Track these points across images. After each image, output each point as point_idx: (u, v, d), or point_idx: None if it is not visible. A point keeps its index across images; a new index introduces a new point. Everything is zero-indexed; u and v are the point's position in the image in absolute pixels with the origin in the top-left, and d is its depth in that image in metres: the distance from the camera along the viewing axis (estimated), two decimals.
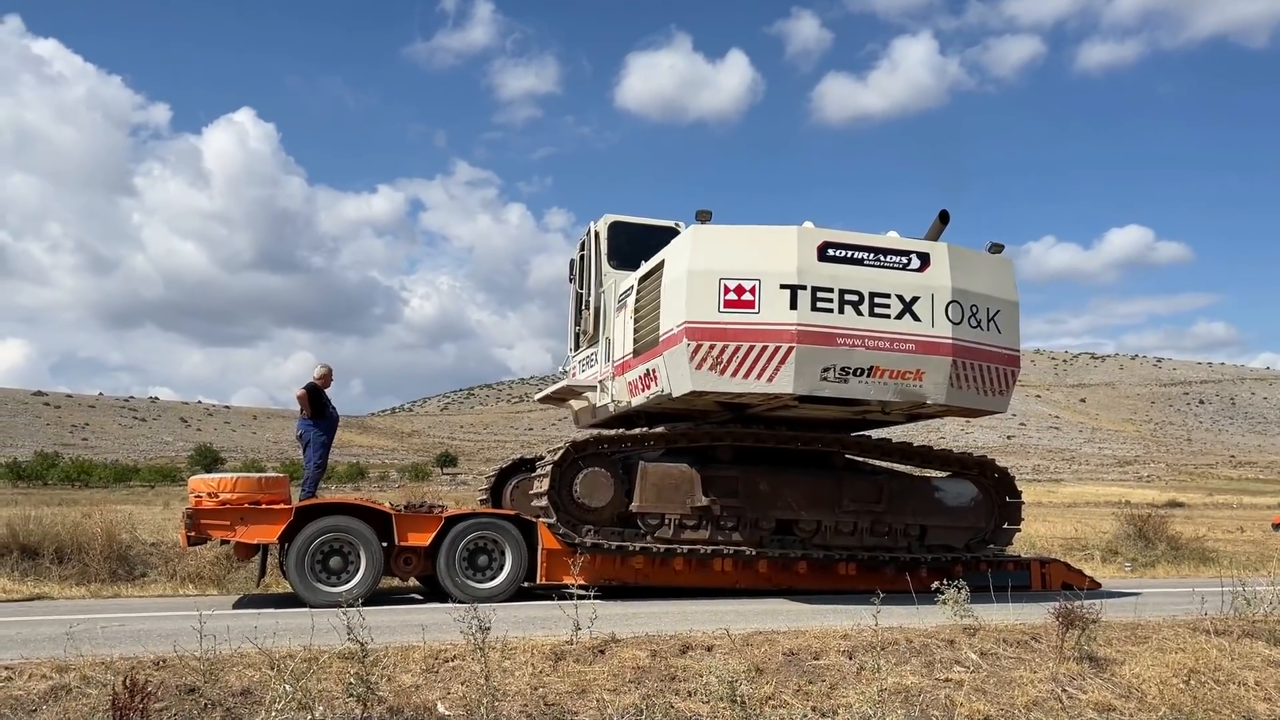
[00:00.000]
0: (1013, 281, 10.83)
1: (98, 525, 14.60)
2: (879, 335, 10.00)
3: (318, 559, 10.20)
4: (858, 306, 9.99)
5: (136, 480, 79.65)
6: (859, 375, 9.96)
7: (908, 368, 10.05)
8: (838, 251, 10.12)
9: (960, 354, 10.15)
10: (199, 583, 13.50)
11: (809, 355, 9.84)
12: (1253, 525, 39.42)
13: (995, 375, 10.52)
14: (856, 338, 9.96)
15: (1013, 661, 7.26)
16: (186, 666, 6.09)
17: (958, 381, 10.18)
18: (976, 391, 10.38)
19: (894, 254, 10.26)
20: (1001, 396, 10.68)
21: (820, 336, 9.88)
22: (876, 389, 10.05)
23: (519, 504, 12.33)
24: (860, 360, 9.96)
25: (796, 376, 9.85)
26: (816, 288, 9.93)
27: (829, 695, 6.42)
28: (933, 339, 10.10)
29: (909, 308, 10.07)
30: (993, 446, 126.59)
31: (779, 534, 11.57)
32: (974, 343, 10.30)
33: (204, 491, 10.40)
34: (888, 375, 10.03)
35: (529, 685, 6.21)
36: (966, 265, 10.49)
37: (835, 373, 9.93)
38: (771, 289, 9.89)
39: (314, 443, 11.38)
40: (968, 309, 10.26)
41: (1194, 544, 22.10)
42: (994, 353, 10.46)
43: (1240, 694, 7.23)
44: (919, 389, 10.11)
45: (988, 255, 10.88)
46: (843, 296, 9.97)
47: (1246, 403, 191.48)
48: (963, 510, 12.26)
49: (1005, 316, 10.59)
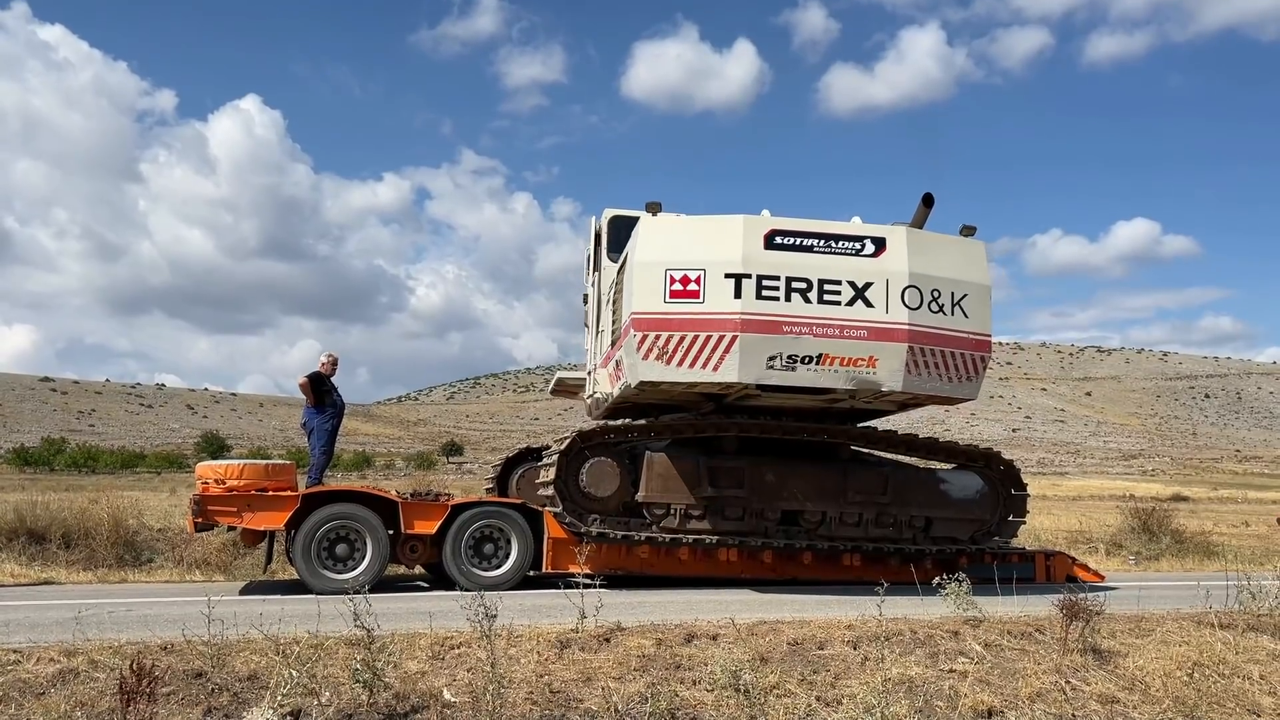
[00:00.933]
0: (984, 265, 10.59)
1: (104, 511, 14.67)
2: (828, 322, 9.91)
3: (324, 546, 10.24)
4: (806, 294, 9.93)
5: (143, 467, 79.94)
6: (807, 363, 9.90)
7: (860, 355, 9.93)
8: (785, 239, 10.08)
9: (918, 340, 9.98)
10: (205, 569, 13.57)
11: (754, 344, 9.83)
12: (1258, 520, 39.37)
13: (961, 361, 10.28)
14: (804, 325, 9.90)
15: (1017, 653, 7.27)
16: (193, 651, 6.13)
17: (916, 368, 10.00)
18: (940, 378, 10.17)
19: (846, 240, 10.15)
20: (970, 383, 10.43)
21: (765, 325, 9.86)
22: (827, 376, 9.97)
23: (525, 493, 12.36)
24: (808, 348, 9.90)
25: (741, 365, 9.85)
26: (762, 276, 9.90)
27: (833, 685, 6.44)
28: (886, 325, 9.95)
29: (861, 294, 9.97)
30: (998, 439, 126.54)
31: (784, 524, 11.57)
32: (935, 328, 10.11)
33: (211, 478, 10.45)
34: (838, 363, 9.92)
35: (535, 673, 6.24)
36: (928, 249, 10.32)
37: (782, 361, 9.88)
38: (716, 278, 9.90)
39: (318, 430, 11.39)
40: (928, 294, 10.07)
41: (1198, 538, 22.08)
42: (959, 338, 10.23)
43: (1244, 687, 7.24)
44: (873, 376, 9.97)
45: (954, 239, 10.67)
46: (790, 284, 9.92)
47: (1253, 397, 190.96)
48: (968, 502, 12.25)
49: (973, 300, 10.34)
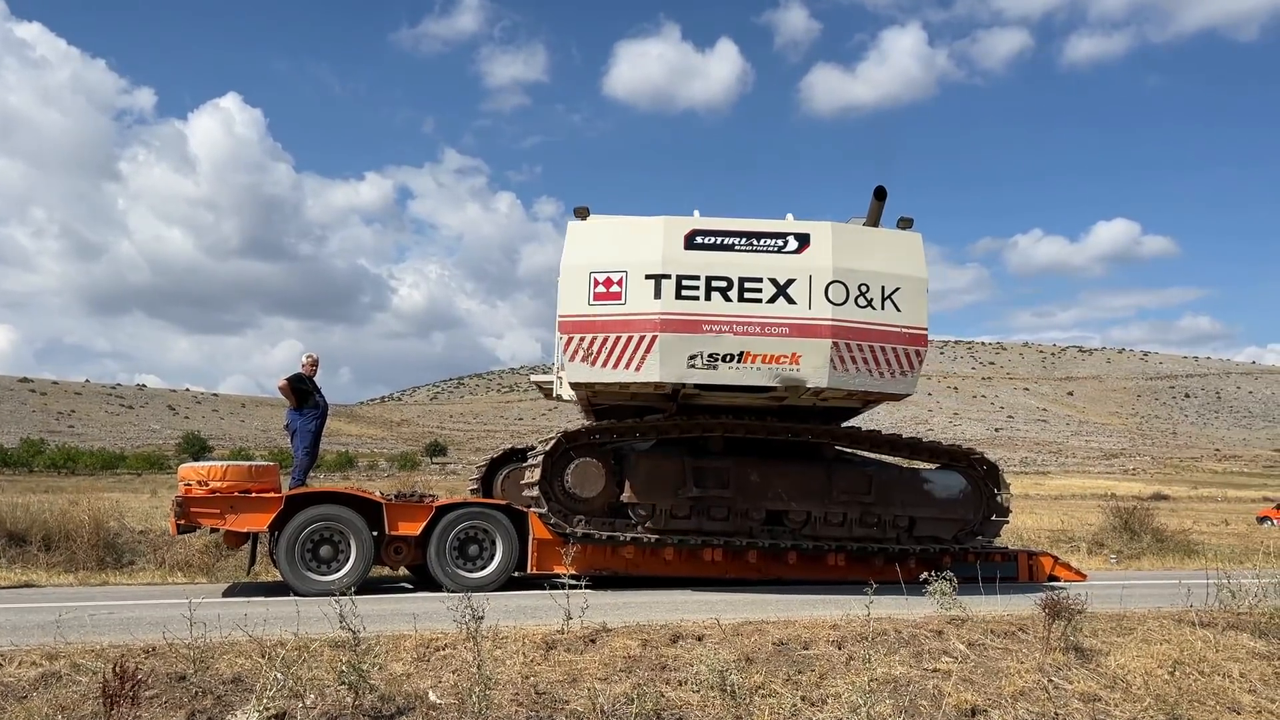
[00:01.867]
0: (919, 257, 10.45)
1: (85, 513, 14.56)
2: (749, 320, 9.95)
3: (308, 548, 10.19)
4: (726, 292, 9.99)
5: (123, 468, 79.39)
6: (729, 361, 9.95)
7: (782, 351, 9.95)
8: (706, 239, 10.16)
9: (843, 335, 9.95)
10: (188, 571, 13.49)
11: (673, 343, 9.94)
12: (1237, 518, 39.74)
13: (892, 355, 10.19)
14: (724, 323, 9.96)
15: (1000, 652, 7.32)
16: (177, 654, 6.09)
17: (842, 363, 9.98)
18: (869, 373, 10.12)
19: (769, 237, 10.18)
20: (904, 377, 10.33)
21: (685, 324, 9.95)
22: (750, 374, 10.01)
23: (510, 494, 12.33)
24: (729, 346, 9.95)
25: (662, 364, 9.96)
26: (682, 276, 10.00)
27: (818, 685, 6.46)
28: (809, 321, 9.95)
29: (783, 291, 9.99)
30: (981, 439, 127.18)
31: (769, 524, 11.60)
32: (862, 323, 10.06)
33: (194, 479, 10.37)
34: (760, 360, 9.96)
35: (520, 674, 6.24)
36: (856, 244, 10.30)
37: (703, 359, 9.96)
38: (637, 280, 10.02)
39: (300, 432, 11.34)
40: (855, 288, 10.05)
41: (1179, 537, 22.27)
42: (889, 332, 10.15)
43: (1225, 685, 7.31)
44: (797, 373, 9.99)
45: (889, 232, 10.61)
46: (710, 283, 9.98)
47: (1232, 397, 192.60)
48: (951, 502, 12.31)
49: (907, 294, 10.24)
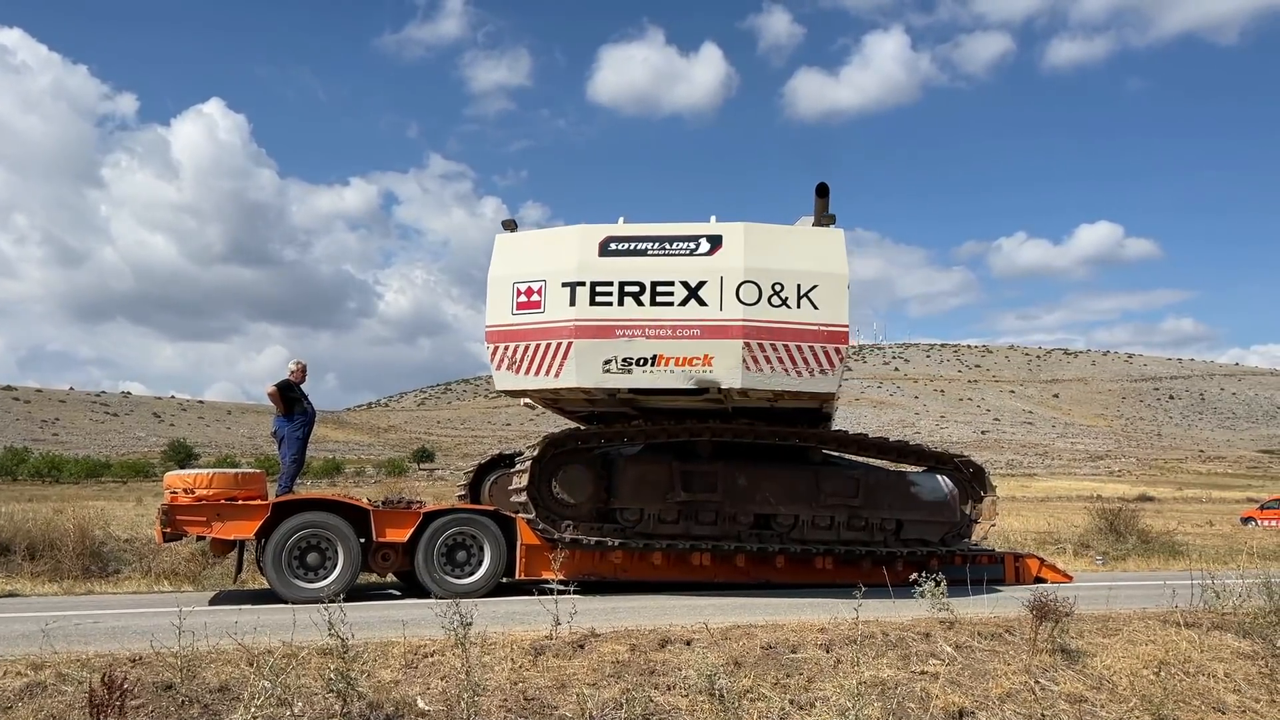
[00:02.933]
0: (840, 253, 10.36)
1: (70, 521, 14.44)
2: (661, 323, 10.03)
3: (295, 555, 10.16)
4: (639, 297, 10.08)
5: (108, 476, 78.78)
6: (642, 365, 10.05)
7: (695, 354, 10.00)
8: (619, 245, 10.28)
9: (755, 335, 9.95)
10: (174, 579, 13.39)
11: (588, 349, 10.09)
12: (1221, 519, 39.97)
13: (809, 354, 10.11)
14: (637, 328, 10.05)
15: (987, 654, 7.35)
16: (163, 663, 6.06)
17: (755, 364, 9.96)
18: (785, 372, 10.06)
19: (682, 240, 10.25)
20: (825, 375, 10.18)
21: (598, 330, 10.08)
22: (664, 377, 10.08)
23: (498, 500, 12.32)
24: (642, 350, 10.04)
25: (578, 370, 10.13)
26: (595, 282, 10.14)
27: (807, 688, 6.48)
28: (720, 322, 9.97)
29: (695, 293, 10.04)
30: (967, 441, 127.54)
31: (757, 528, 11.63)
32: (776, 322, 10.02)
33: (180, 487, 10.33)
34: (673, 362, 10.02)
35: (509, 680, 6.23)
36: (772, 243, 10.31)
37: (617, 364, 10.07)
38: (555, 288, 10.24)
39: (288, 439, 11.32)
40: (768, 288, 10.02)
41: (1164, 538, 22.38)
42: (806, 330, 10.08)
43: (1210, 685, 7.36)
44: (710, 374, 10.02)
45: (808, 230, 10.59)
46: (623, 288, 10.10)
47: (1215, 398, 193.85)
48: (938, 504, 12.37)
49: (826, 291, 10.15)
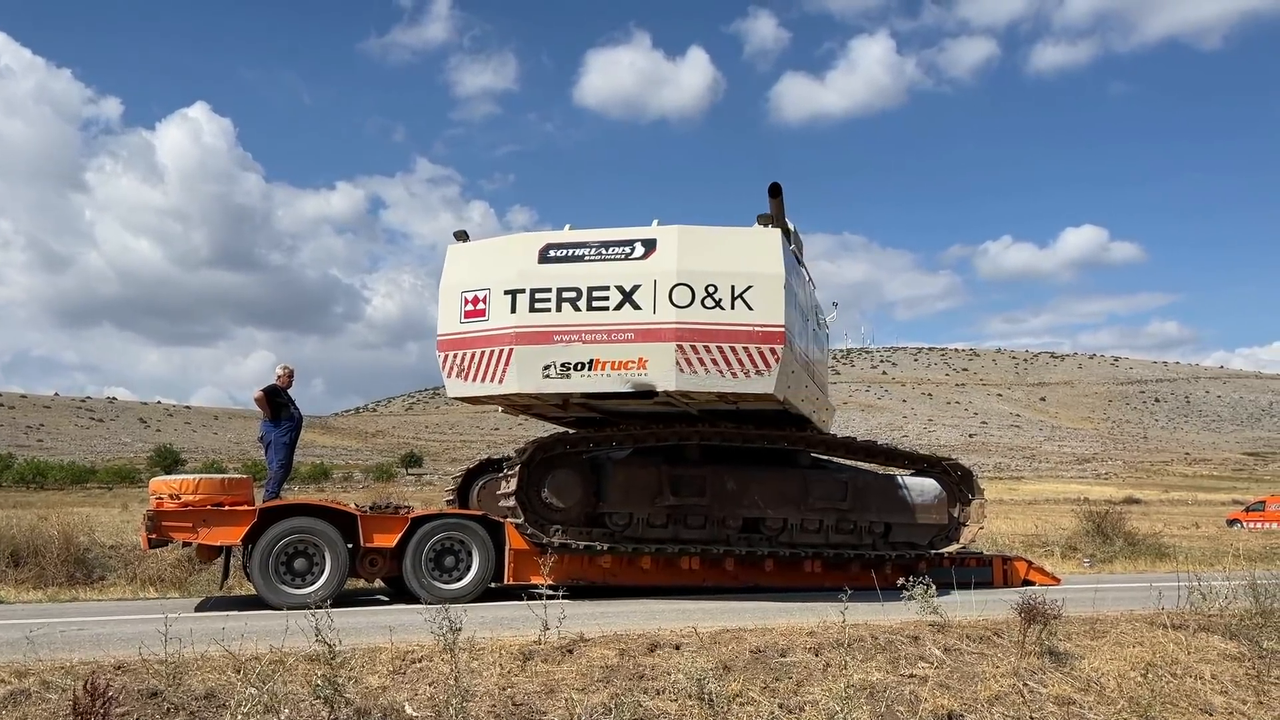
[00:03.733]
0: (776, 253, 10.17)
1: (54, 528, 14.38)
2: (596, 328, 10.09)
3: (282, 561, 10.10)
4: (575, 302, 10.15)
5: (94, 482, 78.34)
6: (580, 369, 10.12)
7: (629, 357, 10.03)
8: (559, 252, 10.37)
9: (687, 337, 9.93)
10: (160, 585, 13.34)
11: (528, 355, 10.20)
12: (1207, 521, 40.23)
13: (744, 354, 10.02)
14: (574, 333, 10.13)
15: (976, 657, 7.36)
16: (148, 670, 6.01)
17: (689, 365, 9.93)
18: (720, 374, 10.00)
19: (617, 245, 10.28)
20: (761, 375, 10.02)
21: (537, 336, 10.20)
22: (601, 381, 10.13)
23: (486, 505, 12.30)
24: (579, 355, 10.11)
25: (519, 376, 10.26)
26: (535, 289, 10.24)
27: (796, 692, 6.47)
28: (653, 326, 9.98)
29: (629, 297, 10.06)
30: (955, 444, 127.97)
31: (746, 532, 11.64)
32: (709, 324, 9.98)
33: (166, 493, 10.27)
34: (609, 366, 10.06)
35: (497, 685, 6.21)
36: (704, 245, 10.30)
37: (556, 369, 10.18)
38: (498, 296, 10.38)
39: (275, 444, 11.26)
40: (701, 290, 9.98)
41: (1150, 540, 22.51)
42: (739, 331, 10.00)
43: (1196, 687, 7.39)
44: (645, 377, 10.02)
45: (742, 230, 10.52)
46: (561, 295, 10.18)
47: (1201, 401, 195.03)
48: (926, 507, 12.40)
49: (760, 291, 10.03)
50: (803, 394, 11.27)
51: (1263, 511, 45.16)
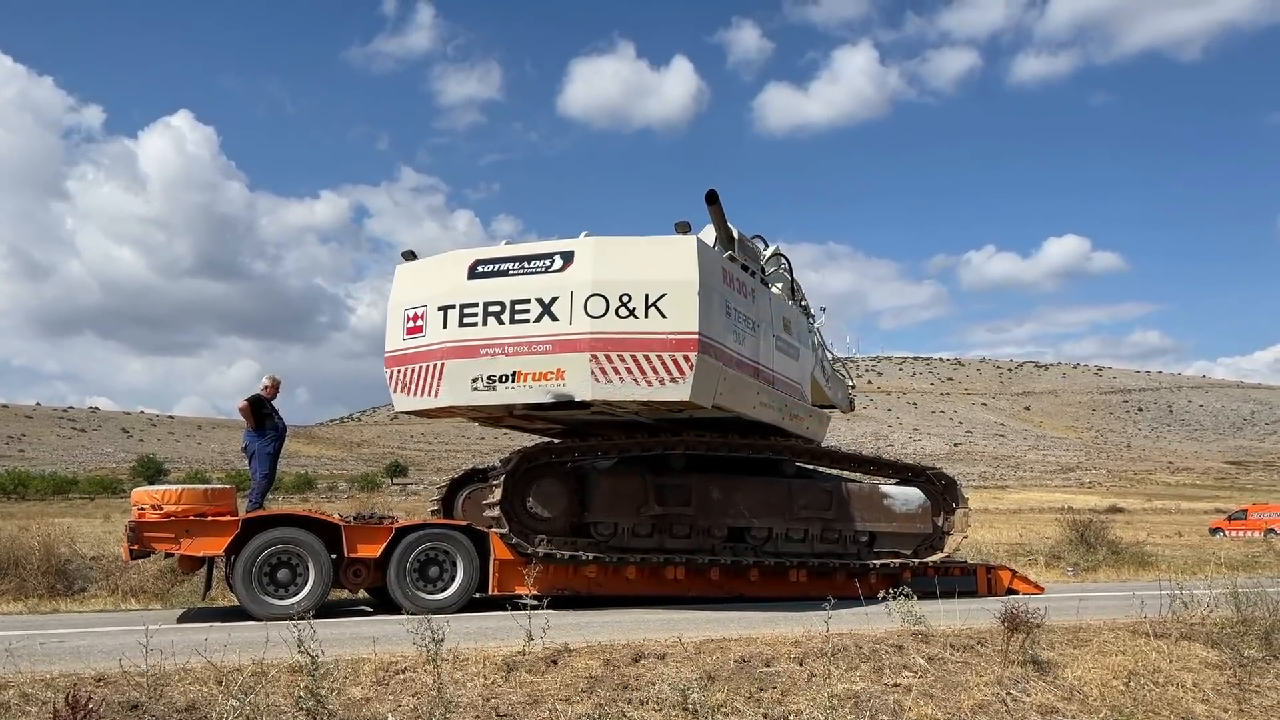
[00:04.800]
0: (690, 261, 10.06)
1: (35, 539, 14.21)
2: (518, 341, 10.22)
3: (265, 571, 10.04)
4: (500, 316, 10.31)
5: (75, 492, 77.68)
6: (505, 382, 10.26)
7: (549, 368, 10.12)
8: (486, 267, 10.55)
9: (601, 347, 9.97)
10: (142, 597, 13.22)
11: (457, 369, 10.42)
12: (1190, 529, 40.47)
13: (658, 362, 9.96)
14: (497, 346, 10.28)
15: (959, 666, 7.39)
16: (129, 682, 5.97)
17: (604, 375, 9.96)
18: (635, 382, 9.99)
19: (538, 259, 10.40)
20: (677, 383, 9.93)
21: (465, 350, 10.41)
22: (524, 393, 10.24)
23: (471, 515, 12.27)
24: (503, 367, 10.26)
25: (451, 389, 10.49)
26: (464, 305, 10.46)
27: (780, 701, 6.48)
28: (569, 336, 10.06)
29: (548, 309, 10.16)
30: (940, 453, 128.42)
31: (731, 541, 11.65)
32: (622, 333, 9.99)
33: (148, 503, 10.19)
34: (531, 378, 10.18)
35: (481, 696, 6.19)
36: (620, 255, 10.36)
37: (483, 382, 10.35)
38: (433, 312, 10.64)
39: (259, 454, 11.23)
40: (615, 300, 10.02)
41: (1134, 548, 22.64)
42: (653, 339, 9.96)
43: (1178, 695, 7.44)
44: (564, 388, 10.11)
45: (658, 239, 10.52)
46: (487, 309, 10.35)
47: (1183, 410, 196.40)
48: (911, 517, 12.45)
49: (674, 299, 9.99)
50: (754, 400, 11.20)
51: (1245, 520, 45.48)
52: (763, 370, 11.41)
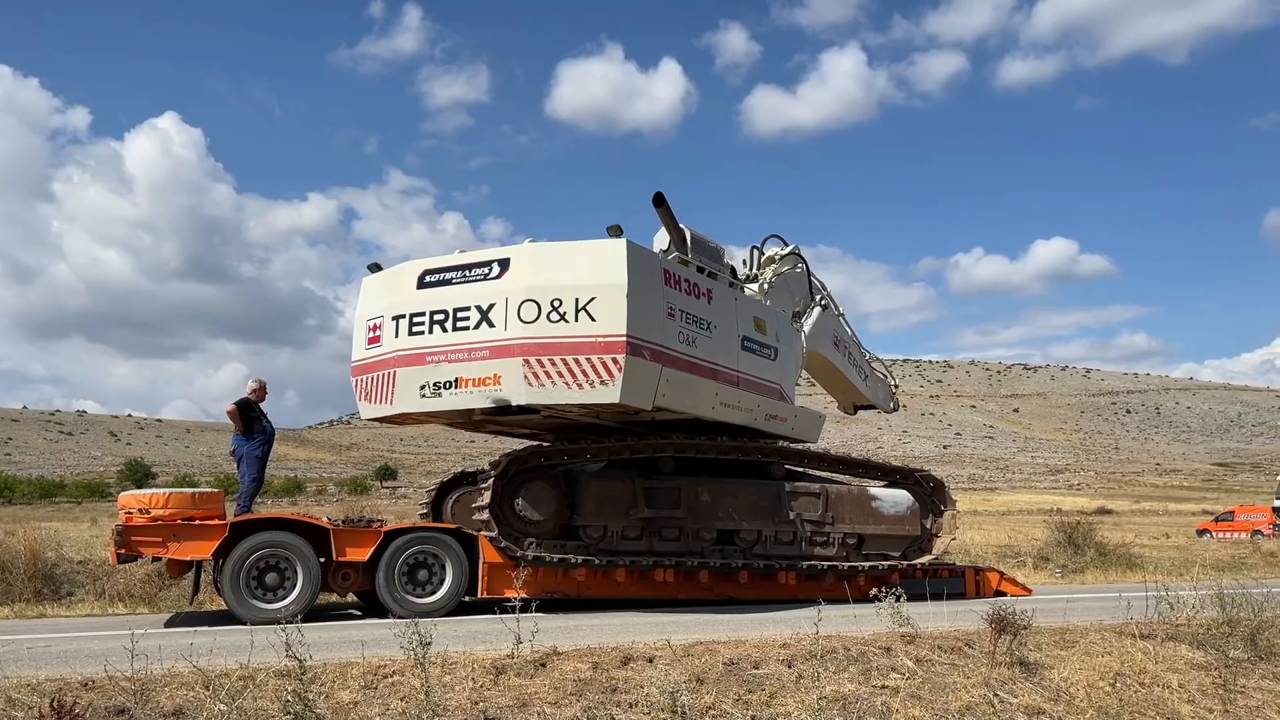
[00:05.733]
0: (619, 264, 10.15)
1: (21, 543, 14.15)
2: (459, 347, 10.44)
3: (253, 575, 10.01)
4: (444, 324, 10.53)
5: (63, 496, 77.29)
6: (448, 388, 10.51)
7: (486, 374, 10.31)
8: (433, 277, 10.81)
9: (533, 352, 10.11)
10: (129, 601, 13.17)
11: (408, 376, 10.74)
12: (1177, 531, 40.68)
13: (588, 366, 10.06)
14: (441, 353, 10.52)
15: (947, 668, 7.41)
16: (116, 687, 5.95)
17: (536, 379, 10.09)
18: (567, 385, 10.10)
19: (478, 267, 10.60)
20: (606, 385, 10.02)
21: (414, 358, 10.70)
22: (466, 398, 10.45)
23: (460, 518, 12.25)
24: (446, 374, 10.50)
25: (403, 397, 10.83)
26: (413, 314, 10.76)
27: (769, 704, 6.49)
28: (504, 342, 10.23)
29: (486, 316, 10.34)
30: (929, 456, 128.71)
31: (720, 544, 11.66)
32: (554, 337, 10.11)
33: (135, 507, 10.15)
34: (471, 384, 10.39)
35: (469, 700, 6.19)
36: (552, 260, 10.50)
37: (430, 388, 10.63)
38: (388, 322, 10.98)
39: (247, 458, 11.19)
40: (547, 305, 10.14)
41: (1121, 550, 22.76)
42: (583, 343, 10.06)
43: (1164, 696, 7.48)
44: (501, 393, 10.28)
45: (589, 244, 10.62)
46: (433, 317, 10.63)
47: (1171, 412, 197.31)
48: (900, 519, 12.48)
49: (603, 303, 10.07)
50: (711, 402, 11.21)
51: (1231, 521, 45.75)
52: (722, 371, 11.38)
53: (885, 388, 17.29)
